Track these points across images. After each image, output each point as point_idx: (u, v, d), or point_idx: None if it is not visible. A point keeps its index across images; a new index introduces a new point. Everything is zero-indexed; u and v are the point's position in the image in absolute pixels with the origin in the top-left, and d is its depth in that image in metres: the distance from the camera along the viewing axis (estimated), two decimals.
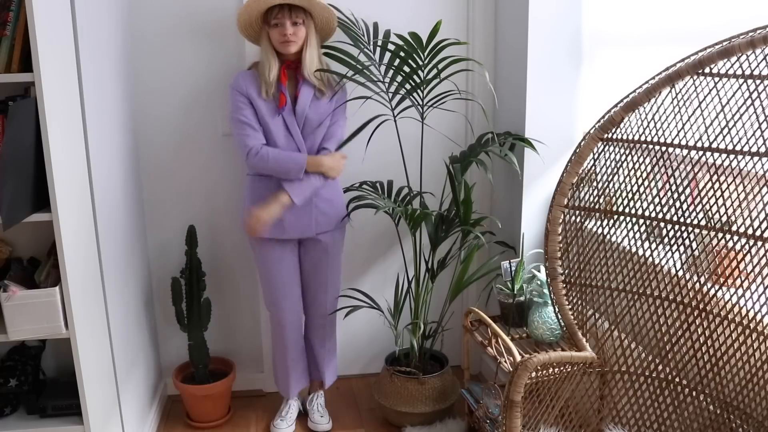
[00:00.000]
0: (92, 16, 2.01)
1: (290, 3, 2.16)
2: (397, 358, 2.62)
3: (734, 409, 1.53)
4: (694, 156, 1.56)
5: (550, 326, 2.20)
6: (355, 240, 2.73)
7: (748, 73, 1.44)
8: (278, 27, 2.18)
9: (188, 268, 2.50)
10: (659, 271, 1.66)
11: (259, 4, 2.17)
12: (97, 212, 1.98)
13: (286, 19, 2.16)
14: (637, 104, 1.63)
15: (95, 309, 1.95)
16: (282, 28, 2.17)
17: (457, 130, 2.75)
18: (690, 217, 1.59)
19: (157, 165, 2.62)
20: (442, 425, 2.49)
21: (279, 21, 2.17)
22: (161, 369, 2.79)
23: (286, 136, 2.27)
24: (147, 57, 2.52)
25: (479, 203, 2.76)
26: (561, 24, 2.34)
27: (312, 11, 2.22)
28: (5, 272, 1.90)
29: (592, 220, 1.75)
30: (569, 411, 1.76)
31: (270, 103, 2.25)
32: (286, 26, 2.17)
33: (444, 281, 2.67)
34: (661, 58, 1.66)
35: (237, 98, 2.25)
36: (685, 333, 1.62)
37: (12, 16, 1.63)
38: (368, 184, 2.53)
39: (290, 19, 2.17)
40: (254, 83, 2.25)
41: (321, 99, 2.29)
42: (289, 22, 2.17)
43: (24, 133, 1.62)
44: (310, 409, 2.60)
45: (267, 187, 2.30)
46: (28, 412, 1.92)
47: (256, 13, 2.20)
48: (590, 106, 2.38)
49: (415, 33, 2.23)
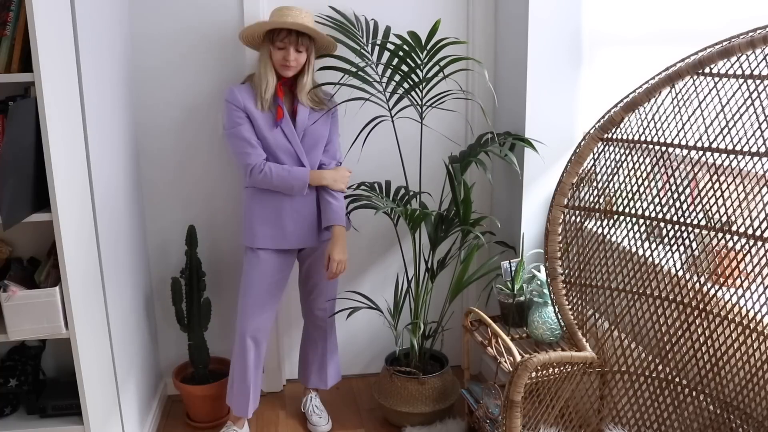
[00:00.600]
0: (92, 16, 2.01)
1: (298, 30, 2.18)
2: (397, 358, 2.62)
3: (734, 409, 1.53)
4: (694, 156, 1.56)
5: (550, 326, 2.20)
6: (355, 241, 2.73)
7: (748, 73, 1.44)
8: (282, 50, 2.19)
9: (188, 268, 2.50)
10: (659, 271, 1.66)
11: (267, 24, 2.18)
12: (97, 212, 1.98)
13: (291, 45, 2.18)
14: (637, 104, 1.63)
15: (95, 309, 1.95)
16: (286, 52, 2.19)
17: (457, 131, 2.76)
18: (690, 217, 1.59)
19: (157, 165, 2.62)
20: (442, 425, 2.49)
21: (284, 45, 2.18)
22: (161, 369, 2.79)
23: (287, 149, 2.26)
24: (147, 57, 2.52)
25: (479, 203, 2.76)
26: (561, 24, 2.34)
27: (316, 39, 2.25)
28: (5, 272, 1.90)
29: (592, 220, 1.75)
30: (569, 411, 1.76)
31: (268, 115, 2.24)
32: (290, 51, 2.18)
33: (444, 281, 2.67)
34: (661, 58, 1.66)
35: (234, 113, 2.22)
36: (685, 333, 1.62)
37: (12, 16, 1.63)
38: (367, 185, 2.53)
39: (295, 45, 2.19)
40: (251, 96, 2.24)
41: (317, 112, 2.30)
42: (293, 48, 2.19)
43: (24, 133, 1.62)
44: (307, 412, 2.60)
45: (269, 200, 2.29)
46: (28, 412, 1.92)
47: (263, 29, 2.20)
48: (590, 106, 2.38)
49: (414, 32, 2.23)
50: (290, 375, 2.90)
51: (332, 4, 2.47)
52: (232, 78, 2.52)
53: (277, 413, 2.70)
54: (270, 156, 2.26)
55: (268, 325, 2.38)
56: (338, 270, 2.31)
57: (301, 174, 2.25)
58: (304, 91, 2.27)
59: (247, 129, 2.22)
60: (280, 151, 2.26)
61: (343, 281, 2.65)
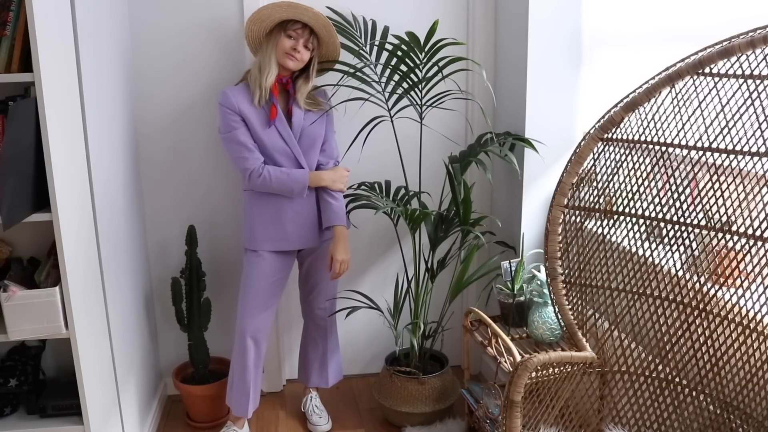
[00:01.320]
0: (92, 16, 2.01)
1: (314, 28, 2.19)
2: (397, 358, 2.62)
3: (734, 409, 1.53)
4: (694, 156, 1.56)
5: (550, 326, 2.20)
6: (355, 240, 2.73)
7: (748, 73, 1.44)
8: (292, 39, 2.19)
9: (188, 268, 2.50)
10: (659, 271, 1.66)
11: (287, 12, 2.16)
12: (97, 212, 1.98)
13: (302, 38, 2.19)
14: (637, 104, 1.63)
15: (95, 309, 1.95)
16: (295, 42, 2.19)
17: (457, 131, 2.75)
18: (690, 217, 1.59)
19: (157, 165, 2.62)
20: (442, 425, 2.49)
21: (296, 35, 2.19)
22: (161, 369, 2.79)
23: (284, 151, 2.25)
24: (148, 56, 2.52)
25: (479, 203, 2.76)
26: (561, 24, 2.34)
27: (325, 45, 2.27)
28: (5, 272, 1.90)
29: (592, 220, 1.75)
30: (569, 411, 1.76)
31: (262, 115, 2.23)
32: (299, 43, 2.19)
33: (444, 281, 2.67)
34: (661, 58, 1.66)
35: (229, 117, 2.21)
36: (685, 333, 1.62)
37: (12, 16, 1.63)
38: (367, 185, 2.53)
39: (306, 40, 2.20)
40: (245, 96, 2.23)
41: (313, 112, 2.30)
42: (302, 41, 2.19)
43: (24, 133, 1.61)
44: (307, 411, 2.60)
45: (269, 203, 2.29)
46: (28, 412, 1.92)
47: (279, 16, 2.18)
48: (590, 106, 2.38)
49: (413, 33, 2.23)
50: (290, 375, 2.90)
51: (330, 4, 2.47)
52: (232, 76, 2.51)
53: (277, 413, 2.70)
54: (267, 158, 2.25)
55: (268, 324, 2.38)
56: (341, 270, 2.32)
57: (300, 176, 2.25)
58: (302, 94, 2.27)
59: (243, 132, 2.22)
60: (277, 153, 2.25)
61: (343, 281, 2.65)
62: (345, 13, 2.46)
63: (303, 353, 2.63)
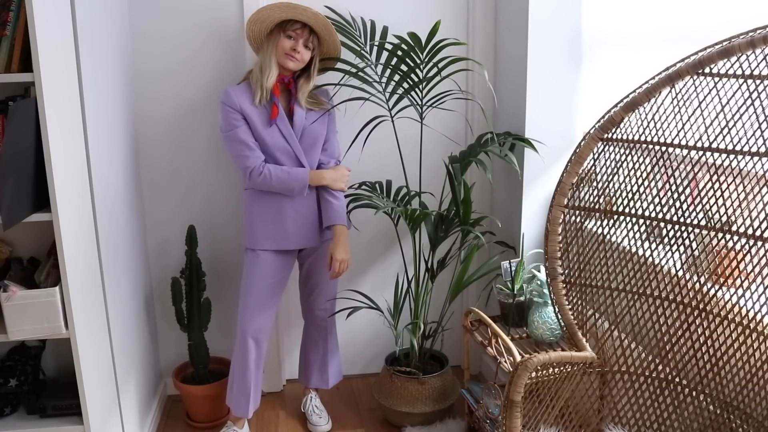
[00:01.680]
0: (93, 16, 2.01)
1: (313, 27, 2.20)
2: (397, 358, 2.62)
3: (734, 409, 1.53)
4: (694, 156, 1.56)
5: (550, 326, 2.20)
6: (355, 240, 2.73)
7: (748, 73, 1.44)
8: (292, 39, 2.19)
9: (188, 268, 2.50)
10: (659, 271, 1.66)
11: (286, 12, 2.16)
12: (97, 212, 1.98)
13: (301, 39, 2.19)
14: (637, 104, 1.63)
15: (95, 309, 1.95)
16: (295, 42, 2.19)
17: (457, 131, 2.76)
18: (690, 217, 1.59)
19: (157, 165, 2.62)
20: (442, 425, 2.49)
21: (295, 35, 2.19)
22: (161, 369, 2.79)
23: (285, 150, 2.25)
24: (148, 58, 2.52)
25: (479, 203, 2.76)
26: (561, 24, 2.34)
27: (323, 43, 2.26)
28: (5, 272, 1.90)
29: (592, 220, 1.75)
30: (569, 411, 1.76)
31: (264, 114, 2.23)
32: (299, 43, 2.19)
33: (444, 281, 2.67)
34: (661, 58, 1.66)
35: (230, 115, 2.21)
36: (685, 333, 1.62)
37: (12, 16, 1.63)
38: (367, 185, 2.53)
39: (305, 40, 2.20)
40: (247, 95, 2.23)
41: (314, 111, 2.30)
42: (302, 41, 2.19)
43: (24, 133, 1.62)
44: (307, 412, 2.60)
45: (269, 201, 2.29)
46: (28, 412, 1.92)
47: (278, 17, 2.19)
48: (590, 106, 2.38)
49: (414, 33, 2.23)
50: (290, 375, 2.90)
51: (329, 4, 2.47)
52: (232, 76, 2.52)
53: (277, 413, 2.70)
54: (268, 157, 2.25)
55: (269, 325, 2.38)
56: (341, 269, 2.32)
57: (300, 175, 2.25)
58: (303, 93, 2.27)
59: (244, 131, 2.22)
60: (278, 152, 2.25)
61: (343, 281, 2.65)
62: (344, 14, 2.46)
63: (303, 354, 2.63)
